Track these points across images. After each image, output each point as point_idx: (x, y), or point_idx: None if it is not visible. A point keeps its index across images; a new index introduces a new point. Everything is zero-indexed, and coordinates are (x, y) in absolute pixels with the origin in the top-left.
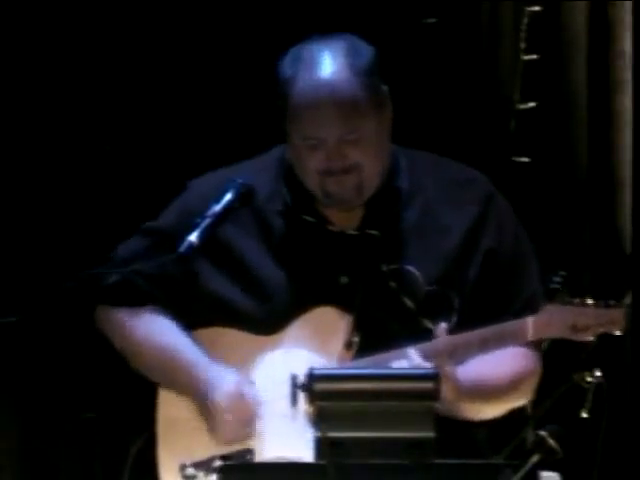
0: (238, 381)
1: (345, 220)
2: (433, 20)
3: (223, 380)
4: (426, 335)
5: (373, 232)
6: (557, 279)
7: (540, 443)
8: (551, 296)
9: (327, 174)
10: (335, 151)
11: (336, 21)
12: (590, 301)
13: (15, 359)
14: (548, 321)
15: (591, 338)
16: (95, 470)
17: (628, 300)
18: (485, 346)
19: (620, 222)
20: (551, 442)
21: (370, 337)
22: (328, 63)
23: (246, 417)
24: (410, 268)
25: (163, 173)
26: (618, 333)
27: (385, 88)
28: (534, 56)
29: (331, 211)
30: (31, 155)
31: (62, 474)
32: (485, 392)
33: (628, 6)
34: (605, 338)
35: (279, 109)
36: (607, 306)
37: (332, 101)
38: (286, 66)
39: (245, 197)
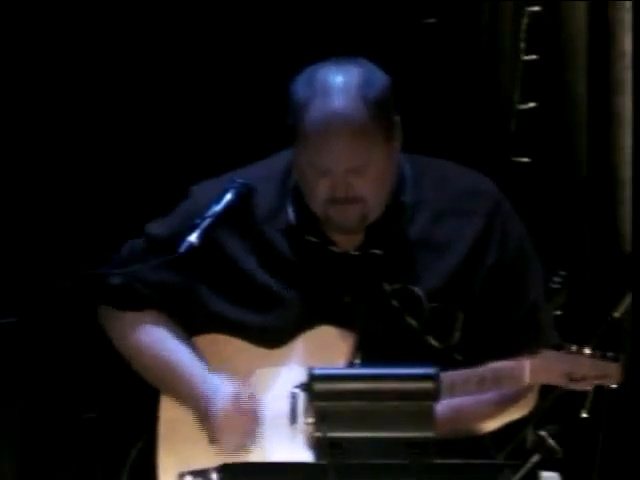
0: (235, 394)
1: (348, 240)
2: (433, 20)
3: (221, 393)
4: (430, 353)
5: (376, 251)
6: (557, 279)
7: (540, 443)
8: (552, 296)
9: (331, 202)
10: (341, 181)
11: (337, 22)
12: (587, 351)
13: (15, 360)
14: (545, 367)
15: (588, 388)
16: (95, 470)
17: (624, 356)
18: (483, 386)
19: (620, 222)
20: (551, 442)
21: (373, 356)
22: (341, 93)
23: (245, 428)
24: (413, 288)
25: (164, 173)
26: (614, 386)
27: (397, 118)
28: (534, 56)
29: (334, 232)
30: (31, 155)
31: (62, 474)
32: (462, 419)
33: (628, 6)
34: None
35: (289, 128)
36: (604, 358)
37: (342, 133)
38: (299, 88)
39: (245, 197)
